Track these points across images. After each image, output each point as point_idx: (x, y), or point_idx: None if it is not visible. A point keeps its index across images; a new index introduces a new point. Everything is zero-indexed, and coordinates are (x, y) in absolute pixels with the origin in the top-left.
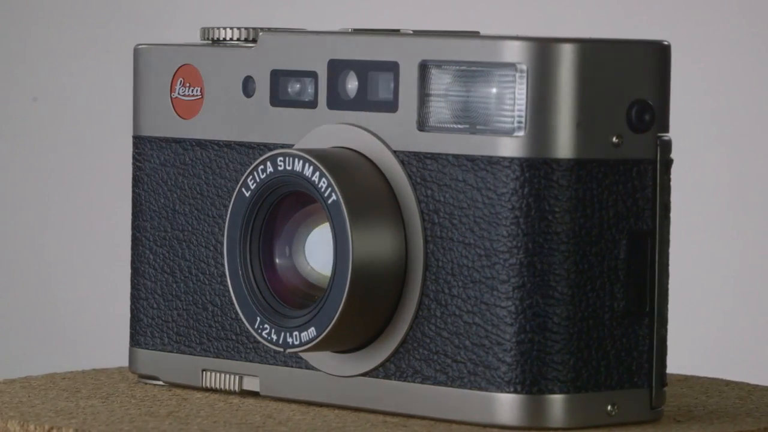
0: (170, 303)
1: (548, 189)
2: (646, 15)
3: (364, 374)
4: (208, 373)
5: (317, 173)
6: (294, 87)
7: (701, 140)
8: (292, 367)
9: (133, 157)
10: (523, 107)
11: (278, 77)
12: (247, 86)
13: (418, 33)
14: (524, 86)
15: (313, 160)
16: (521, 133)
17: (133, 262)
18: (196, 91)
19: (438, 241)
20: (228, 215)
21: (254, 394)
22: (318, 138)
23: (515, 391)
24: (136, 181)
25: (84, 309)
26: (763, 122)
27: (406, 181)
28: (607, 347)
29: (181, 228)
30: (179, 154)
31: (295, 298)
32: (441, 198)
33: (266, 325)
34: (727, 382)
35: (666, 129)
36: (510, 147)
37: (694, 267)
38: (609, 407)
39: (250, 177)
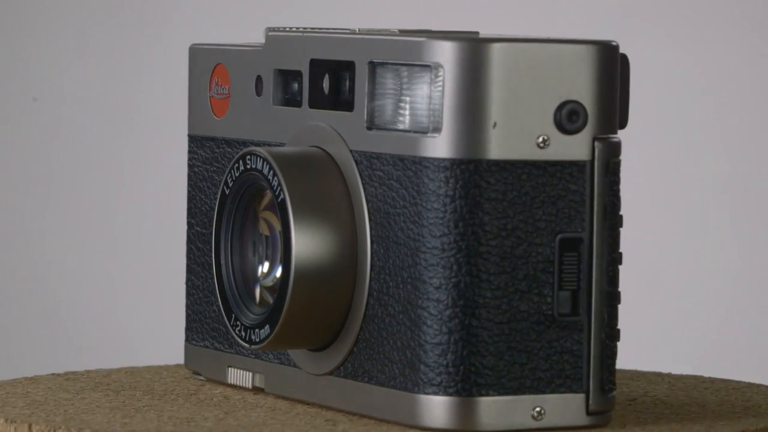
0: (208, 299)
1: (465, 189)
2: (645, 15)
3: (330, 372)
4: (231, 370)
5: (271, 172)
6: (293, 86)
7: (700, 141)
8: (285, 365)
9: (188, 155)
10: (440, 107)
11: (278, 77)
12: (258, 85)
13: (404, 33)
14: (441, 86)
15: (270, 159)
16: (437, 134)
17: (186, 259)
18: (225, 90)
19: (380, 241)
20: (215, 213)
21: (263, 391)
22: (301, 137)
23: (434, 393)
24: (188, 179)
25: (83, 309)
26: (763, 123)
27: (359, 180)
28: (534, 350)
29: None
30: (214, 151)
31: (261, 295)
32: (382, 198)
33: (238, 322)
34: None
35: (609, 130)
36: (429, 147)
37: (693, 267)
38: (533, 411)
39: (229, 175)
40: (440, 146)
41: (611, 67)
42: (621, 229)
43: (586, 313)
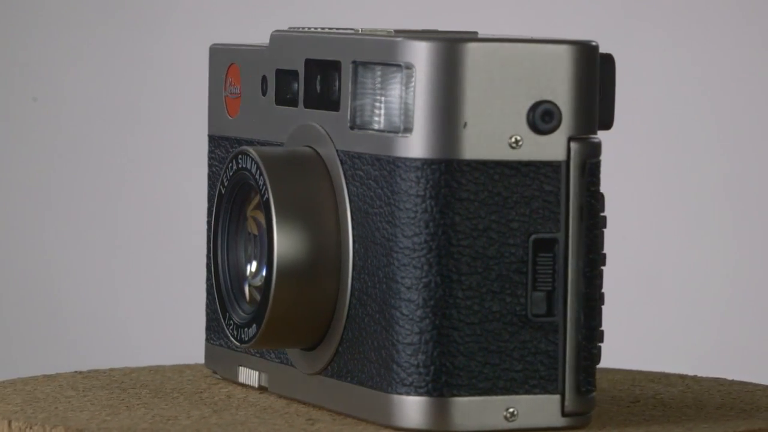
0: None
1: (436, 189)
2: (646, 15)
3: (320, 372)
4: (241, 369)
5: (258, 171)
6: (292, 86)
7: (701, 141)
8: (285, 365)
9: (207, 155)
10: (412, 107)
11: (279, 76)
12: (263, 85)
13: (398, 33)
14: (412, 86)
15: (257, 159)
16: (409, 134)
17: (206, 258)
18: (237, 89)
19: (361, 241)
20: (213, 212)
21: (267, 390)
22: (297, 137)
23: (406, 393)
24: (208, 179)
25: (83, 309)
26: (764, 123)
27: (343, 180)
28: (507, 351)
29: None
30: (228, 151)
31: (251, 294)
32: (362, 197)
33: (231, 320)
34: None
35: (587, 131)
36: (401, 147)
37: (693, 267)
38: (506, 412)
39: (224, 174)
40: (412, 146)
41: (589, 67)
42: (606, 230)
43: (562, 314)
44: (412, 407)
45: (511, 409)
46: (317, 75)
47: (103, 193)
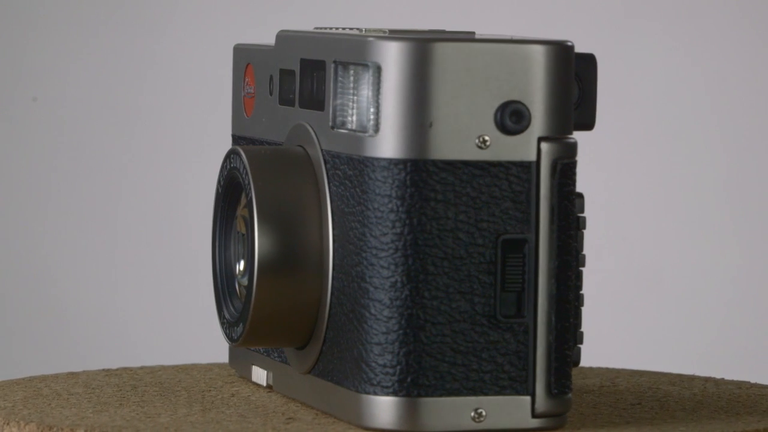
0: None
1: (402, 189)
2: (646, 14)
3: (309, 371)
4: (254, 368)
5: (245, 171)
6: (292, 86)
7: (702, 140)
8: (284, 364)
9: None
10: (379, 107)
11: (281, 76)
12: (270, 85)
13: (392, 33)
14: (380, 86)
15: (244, 158)
16: (376, 134)
17: None
18: (252, 89)
19: (339, 240)
20: (213, 211)
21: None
22: (292, 136)
23: (374, 393)
24: None
25: (84, 309)
26: (765, 123)
27: (325, 180)
28: (475, 352)
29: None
30: None
31: (240, 292)
32: (340, 197)
33: (224, 319)
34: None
35: (561, 131)
36: (369, 146)
37: (695, 267)
38: (473, 413)
39: (220, 173)
40: (379, 146)
41: (563, 67)
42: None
43: (532, 315)
44: (379, 407)
45: (479, 410)
46: (309, 75)
47: (104, 193)
